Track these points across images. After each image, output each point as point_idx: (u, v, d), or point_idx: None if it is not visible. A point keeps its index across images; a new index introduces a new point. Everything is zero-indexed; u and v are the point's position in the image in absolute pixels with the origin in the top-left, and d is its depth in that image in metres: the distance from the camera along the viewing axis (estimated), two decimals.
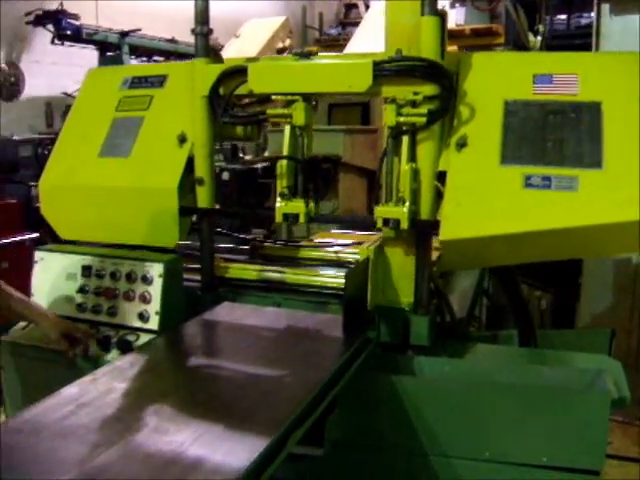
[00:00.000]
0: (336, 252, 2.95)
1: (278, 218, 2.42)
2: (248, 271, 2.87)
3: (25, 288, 4.56)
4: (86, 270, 2.60)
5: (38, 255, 2.72)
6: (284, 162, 2.42)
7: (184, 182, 2.60)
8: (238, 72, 2.47)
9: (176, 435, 1.50)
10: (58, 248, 2.75)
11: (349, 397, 2.11)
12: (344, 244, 3.03)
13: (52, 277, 2.67)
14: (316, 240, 3.42)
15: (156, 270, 2.48)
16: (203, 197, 2.65)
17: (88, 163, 2.76)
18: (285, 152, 2.46)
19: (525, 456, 2.13)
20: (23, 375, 2.58)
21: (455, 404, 2.20)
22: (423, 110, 2.25)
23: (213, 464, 1.37)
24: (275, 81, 2.40)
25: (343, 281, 2.70)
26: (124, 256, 2.56)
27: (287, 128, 2.44)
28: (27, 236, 4.55)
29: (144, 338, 2.43)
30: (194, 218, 2.76)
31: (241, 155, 6.32)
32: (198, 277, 2.78)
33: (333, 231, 4.14)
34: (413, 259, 2.42)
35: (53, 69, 7.79)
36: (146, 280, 2.48)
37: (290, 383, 1.87)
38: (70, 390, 1.76)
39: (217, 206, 2.71)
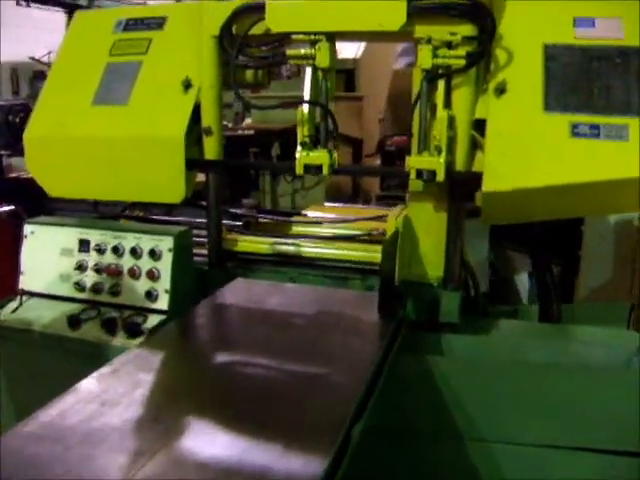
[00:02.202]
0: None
1: (299, 169, 2.18)
2: (259, 244, 2.65)
3: (4, 264, 4.29)
4: (84, 245, 2.34)
5: (28, 229, 2.45)
6: (305, 108, 2.19)
7: (190, 132, 2.36)
8: (254, 9, 2.21)
9: (227, 438, 1.28)
10: (51, 220, 2.47)
11: None
12: (362, 218, 2.81)
13: (45, 253, 2.40)
14: (311, 214, 3.19)
15: (165, 244, 2.23)
16: (211, 148, 2.41)
17: (80, 112, 2.48)
18: (307, 97, 2.23)
19: (564, 439, 2.03)
20: (13, 361, 2.32)
21: (489, 385, 2.09)
22: (461, 52, 2.07)
23: (283, 472, 1.15)
24: (296, 19, 2.13)
25: (363, 254, 2.53)
26: (128, 229, 2.31)
27: (308, 71, 2.22)
28: (3, 208, 4.22)
29: (153, 319, 2.19)
30: None
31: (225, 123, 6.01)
32: (202, 251, 2.54)
33: (327, 204, 3.93)
34: (442, 224, 2.24)
35: (19, 33, 7.33)
36: (154, 255, 2.23)
37: (337, 374, 1.66)
38: (89, 385, 1.52)
39: None
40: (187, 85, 2.39)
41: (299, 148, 2.19)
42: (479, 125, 2.13)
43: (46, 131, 2.54)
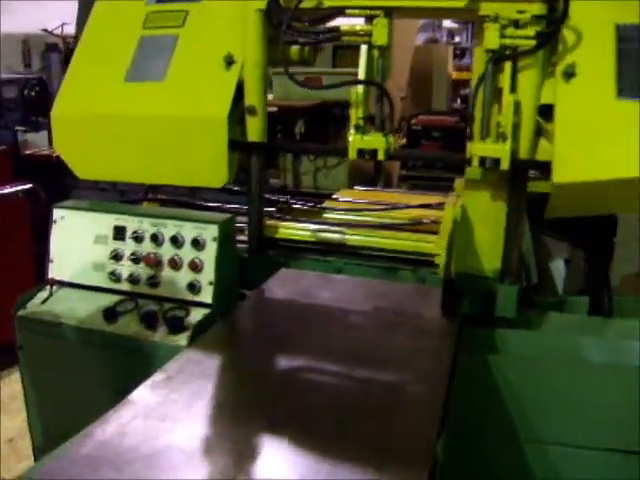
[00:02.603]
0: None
1: (352, 154, 2.02)
2: (302, 231, 2.48)
3: (22, 244, 4.15)
4: (119, 232, 2.17)
5: (57, 213, 2.28)
6: (360, 88, 2.03)
7: (232, 111, 2.18)
8: None
9: (308, 462, 1.13)
10: (83, 205, 2.31)
11: None
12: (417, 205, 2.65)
13: (76, 240, 2.24)
14: (343, 199, 3.02)
15: (209, 232, 2.06)
16: (254, 129, 2.23)
17: (112, 88, 2.30)
18: (361, 76, 2.06)
19: (625, 442, 1.93)
20: (44, 355, 2.17)
21: (546, 384, 1.99)
22: (530, 32, 1.90)
23: None
24: None
25: (414, 244, 2.38)
26: (168, 216, 2.14)
27: (364, 48, 2.08)
28: (20, 187, 4.05)
29: (196, 314, 2.04)
30: None
31: None
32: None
33: (357, 188, 3.76)
34: (500, 215, 2.09)
35: (31, 4, 7.10)
36: (197, 244, 2.06)
37: (413, 383, 1.50)
38: (144, 396, 1.36)
39: None
40: (229, 61, 2.21)
41: (352, 131, 2.04)
42: (543, 110, 1.99)
43: (75, 109, 2.36)
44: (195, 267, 2.06)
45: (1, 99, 4.78)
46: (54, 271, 2.27)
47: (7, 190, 3.94)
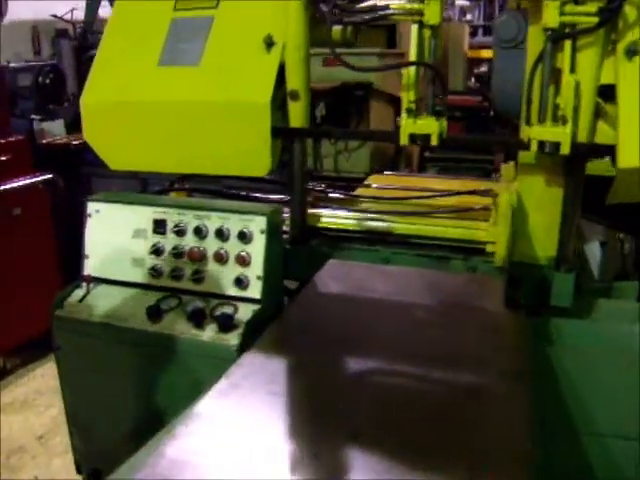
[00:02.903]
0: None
1: (403, 140, 1.90)
2: (346, 219, 2.37)
3: (43, 237, 4.05)
4: (160, 225, 2.06)
5: (92, 207, 2.17)
6: (412, 70, 1.89)
7: (273, 96, 2.06)
8: None
9: (406, 470, 1.03)
10: (119, 198, 2.19)
11: None
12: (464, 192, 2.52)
13: (113, 234, 2.13)
14: (374, 184, 2.89)
15: (257, 224, 1.95)
16: (297, 115, 2.10)
17: (145, 74, 2.17)
18: (412, 57, 1.93)
19: None
20: (83, 356, 2.06)
21: (605, 375, 1.91)
22: (591, 8, 1.76)
23: None
24: None
25: (464, 231, 2.26)
26: (212, 208, 2.02)
27: (414, 28, 1.92)
28: (40, 177, 3.94)
29: (245, 310, 1.93)
30: None
31: None
32: None
33: (387, 173, 3.62)
34: (555, 200, 1.99)
35: None
36: (244, 237, 1.95)
37: (496, 384, 1.39)
38: (211, 407, 1.25)
39: None
40: (269, 43, 2.07)
41: (404, 115, 1.91)
42: (602, 91, 1.86)
43: (106, 96, 2.23)
44: (243, 261, 1.95)
45: (15, 87, 4.65)
46: (90, 267, 2.17)
47: (27, 181, 3.83)
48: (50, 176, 3.98)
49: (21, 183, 3.79)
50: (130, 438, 2.09)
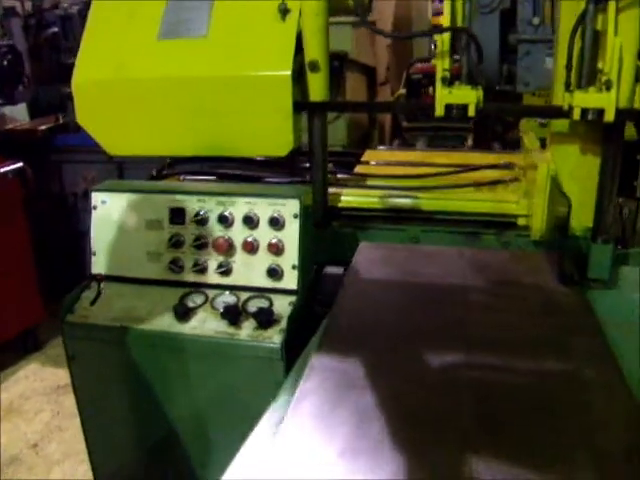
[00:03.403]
0: None
1: (439, 111, 1.76)
2: (368, 198, 2.21)
3: (14, 231, 3.76)
4: (177, 214, 1.87)
5: (97, 198, 1.96)
6: (445, 36, 1.74)
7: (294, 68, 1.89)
8: None
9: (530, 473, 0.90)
10: (127, 186, 1.98)
11: None
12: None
13: (123, 228, 1.93)
14: (373, 161, 2.72)
15: (289, 209, 1.77)
16: (317, 87, 1.93)
17: (142, 48, 1.96)
18: (446, 22, 1.78)
19: None
20: (102, 365, 1.87)
21: None
22: None
23: None
24: None
25: (494, 204, 2.14)
26: (237, 192, 1.83)
27: None
28: (10, 167, 3.65)
29: (281, 303, 1.76)
30: None
31: None
32: None
33: (380, 148, 3.46)
34: (591, 169, 1.89)
35: None
36: (276, 223, 1.77)
37: (587, 369, 1.27)
38: (297, 426, 1.09)
39: None
40: (284, 11, 1.89)
41: (438, 85, 1.76)
42: None
43: (100, 74, 2.01)
44: (276, 249, 1.77)
45: None
46: (98, 265, 1.97)
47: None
48: (20, 165, 3.70)
49: None
50: (156, 455, 1.92)
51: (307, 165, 2.49)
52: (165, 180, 2.55)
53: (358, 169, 2.55)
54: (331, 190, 2.20)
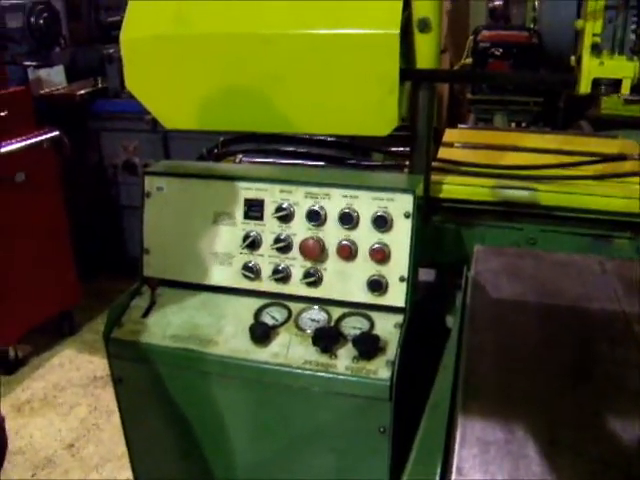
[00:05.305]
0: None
1: (585, 87, 1.40)
2: (474, 187, 1.81)
3: (54, 203, 3.42)
4: (255, 207, 1.49)
5: (151, 183, 1.58)
6: None
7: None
8: None
9: None
10: (191, 169, 1.61)
11: None
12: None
13: (185, 221, 1.55)
14: (454, 142, 2.29)
15: (400, 205, 1.38)
16: (427, 51, 1.56)
17: None
18: None
19: None
20: (153, 392, 1.51)
21: None
22: None
23: None
24: None
25: (629, 201, 1.75)
26: (331, 182, 1.44)
27: None
28: (45, 135, 3.30)
29: (384, 323, 1.39)
30: None
31: None
32: None
33: (461, 126, 3.01)
34: None
35: None
36: (382, 224, 1.39)
37: None
38: None
39: None
40: None
41: (587, 54, 1.38)
42: None
43: (156, 29, 1.61)
44: (380, 256, 1.39)
45: (4, 29, 3.95)
46: (151, 267, 1.59)
47: (30, 140, 3.20)
48: (57, 133, 3.35)
49: (24, 144, 3.15)
50: None
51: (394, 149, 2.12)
52: (221, 161, 2.19)
53: (442, 153, 2.12)
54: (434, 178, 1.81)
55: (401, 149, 2.00)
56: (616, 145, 2.24)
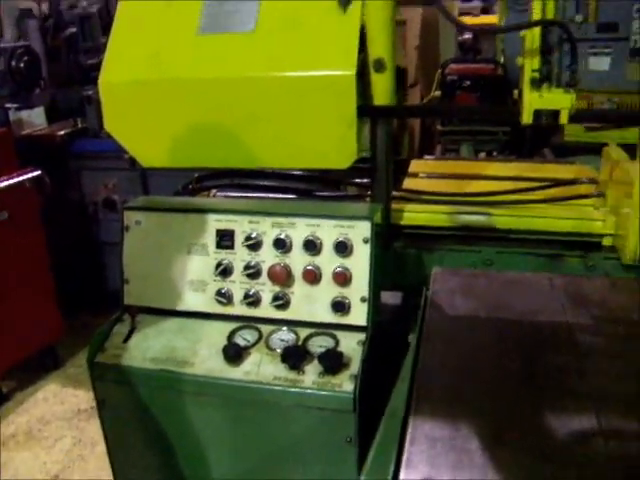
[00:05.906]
0: None
1: (527, 118, 1.52)
2: (434, 214, 1.95)
3: (35, 241, 3.52)
4: (225, 237, 1.61)
5: (130, 217, 1.69)
6: (536, 31, 1.49)
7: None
8: None
9: None
10: (166, 204, 1.73)
11: None
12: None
13: (161, 252, 1.66)
14: (419, 172, 2.43)
15: (359, 232, 1.51)
16: (383, 89, 1.69)
17: (181, 44, 1.70)
18: (536, 14, 1.53)
19: None
20: (136, 413, 1.60)
21: None
22: None
23: None
24: None
25: (578, 222, 1.89)
26: (297, 212, 1.56)
27: None
28: (27, 175, 3.40)
29: (348, 341, 1.50)
30: None
31: None
32: None
33: (427, 157, 3.17)
34: None
35: None
36: (343, 249, 1.51)
37: None
38: None
39: None
40: (346, 1, 1.63)
41: (528, 87, 1.52)
42: None
43: (133, 73, 1.75)
44: (343, 279, 1.51)
45: None
46: (131, 295, 1.70)
47: (13, 180, 3.30)
48: (38, 173, 3.45)
49: (6, 183, 3.26)
50: None
51: (357, 180, 2.25)
52: (196, 196, 2.31)
53: (407, 183, 2.25)
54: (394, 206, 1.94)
55: (365, 180, 2.13)
56: (572, 170, 2.39)
